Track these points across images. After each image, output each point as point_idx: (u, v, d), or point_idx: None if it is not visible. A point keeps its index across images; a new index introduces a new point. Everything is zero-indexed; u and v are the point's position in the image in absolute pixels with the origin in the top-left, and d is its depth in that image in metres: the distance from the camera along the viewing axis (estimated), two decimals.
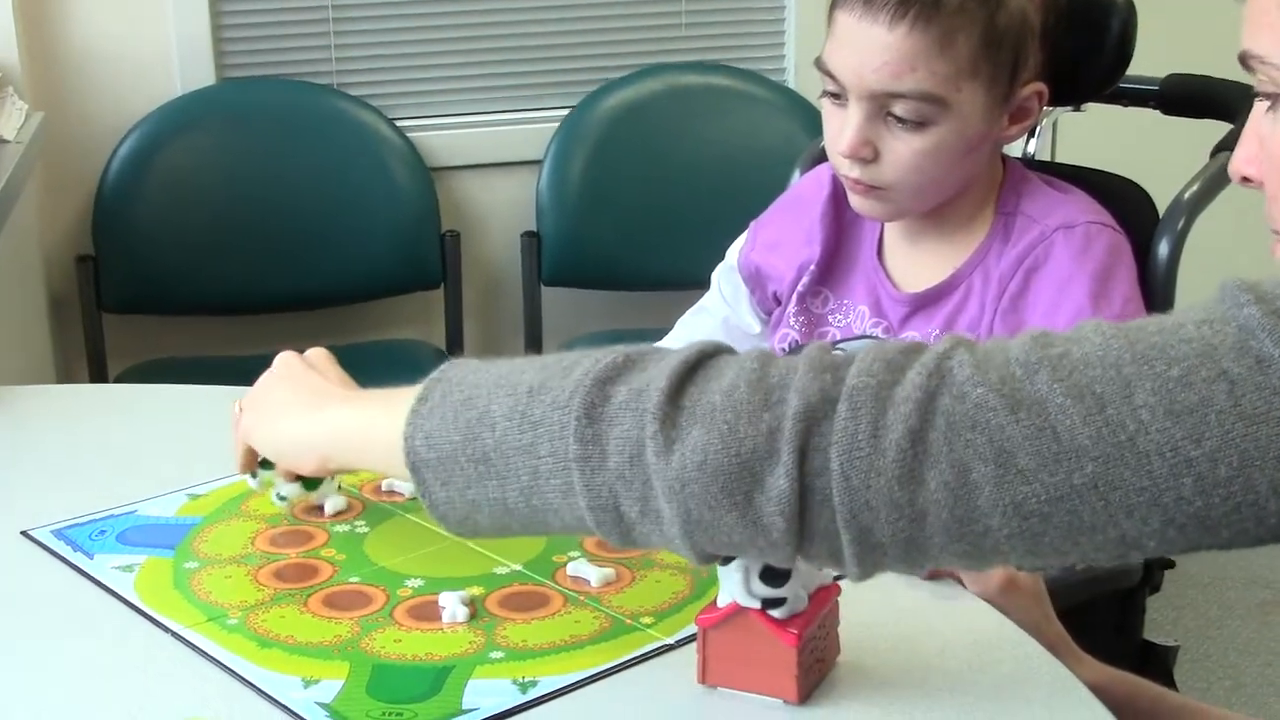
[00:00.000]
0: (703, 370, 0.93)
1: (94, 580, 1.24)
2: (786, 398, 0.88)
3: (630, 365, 0.94)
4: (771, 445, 0.88)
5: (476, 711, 1.04)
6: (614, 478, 0.92)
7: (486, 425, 0.96)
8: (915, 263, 1.63)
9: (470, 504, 0.98)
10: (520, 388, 0.97)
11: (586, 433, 0.92)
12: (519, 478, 0.95)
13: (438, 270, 2.95)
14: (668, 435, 0.90)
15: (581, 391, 0.93)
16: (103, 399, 1.84)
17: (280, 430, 1.20)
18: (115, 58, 2.82)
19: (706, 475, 0.89)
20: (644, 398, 0.91)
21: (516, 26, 3.03)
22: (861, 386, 0.87)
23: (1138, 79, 1.78)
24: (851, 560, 0.89)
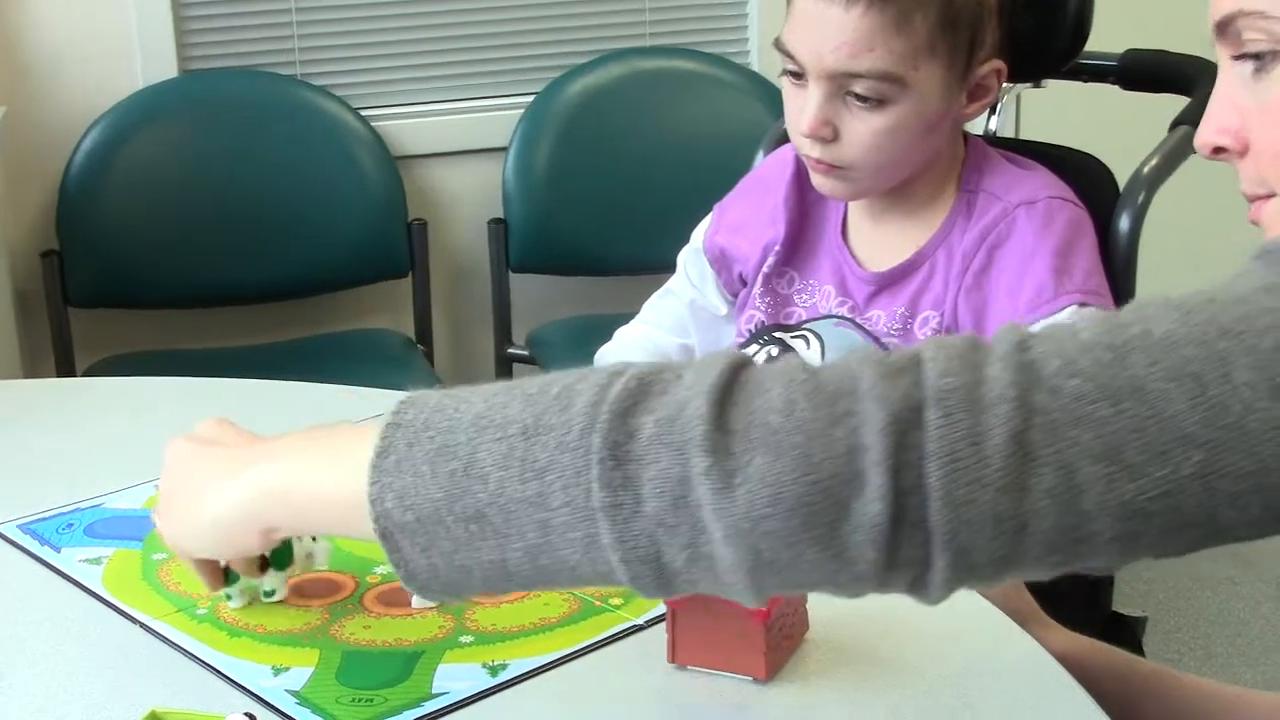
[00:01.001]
0: (741, 387, 0.80)
1: (61, 574, 1.24)
2: (858, 409, 0.77)
3: (647, 390, 0.82)
4: (853, 466, 0.76)
5: (446, 696, 1.05)
6: (653, 524, 0.79)
7: (476, 477, 0.83)
8: (879, 242, 1.64)
9: (459, 569, 0.86)
10: (510, 428, 0.83)
11: (614, 476, 0.79)
12: (524, 535, 0.83)
13: (405, 259, 2.94)
14: (724, 470, 0.77)
15: (599, 428, 0.80)
16: (68, 393, 1.83)
17: (204, 519, 1.01)
18: (76, 52, 2.81)
19: (782, 511, 0.77)
20: (680, 427, 0.79)
21: (480, 14, 3.03)
22: (949, 388, 0.77)
23: (1096, 55, 1.79)
24: (938, 586, 0.79)
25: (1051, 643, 1.15)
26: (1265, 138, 0.91)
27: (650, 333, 1.80)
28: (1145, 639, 1.77)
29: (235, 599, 1.16)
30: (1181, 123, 1.73)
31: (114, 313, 2.86)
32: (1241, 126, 0.91)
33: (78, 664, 1.12)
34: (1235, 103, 0.91)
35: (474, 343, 3.12)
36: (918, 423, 0.76)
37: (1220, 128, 0.92)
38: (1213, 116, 0.93)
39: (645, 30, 3.11)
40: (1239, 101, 0.91)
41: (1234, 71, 0.91)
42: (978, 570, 0.78)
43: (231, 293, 2.90)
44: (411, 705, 1.04)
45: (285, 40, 2.94)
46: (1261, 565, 3.01)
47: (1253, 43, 0.89)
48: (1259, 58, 0.89)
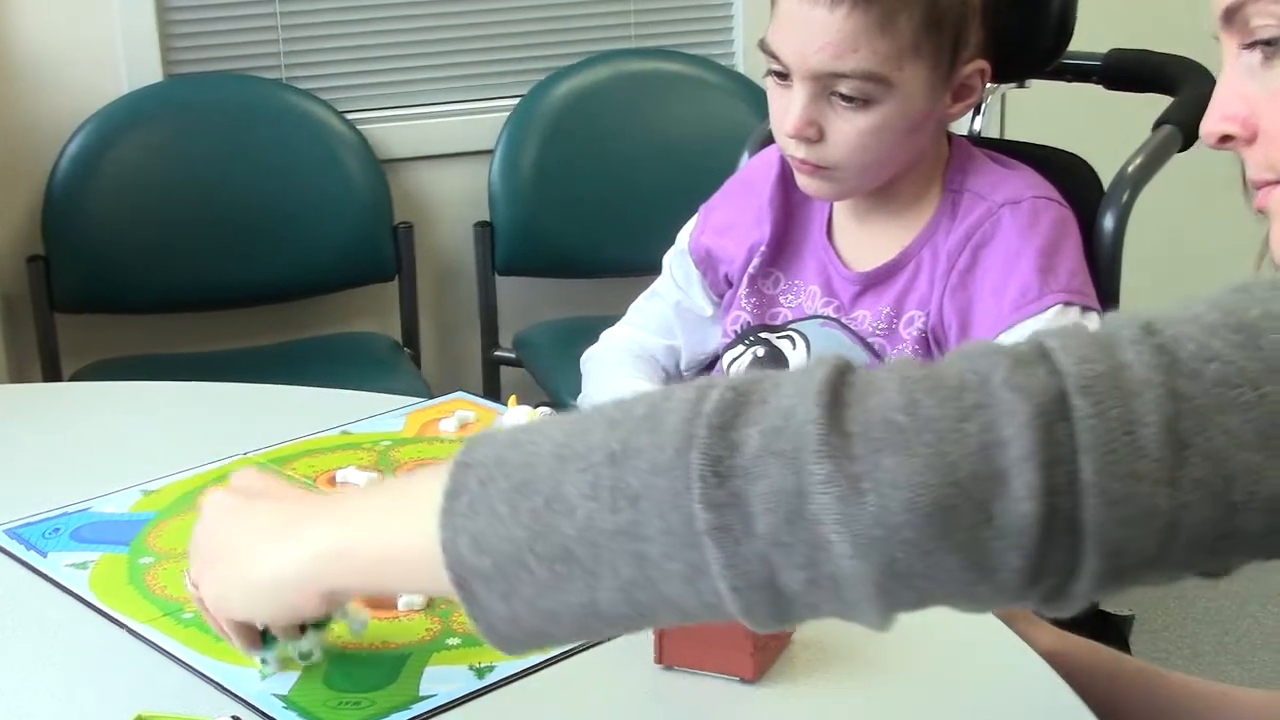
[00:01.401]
0: (850, 388, 0.74)
1: (48, 578, 1.24)
2: (992, 401, 0.71)
3: (746, 401, 0.75)
4: (992, 464, 0.70)
5: (434, 698, 1.05)
6: (767, 545, 0.72)
7: (560, 512, 0.76)
8: (864, 242, 1.64)
9: (545, 615, 0.79)
10: (594, 455, 0.76)
11: (718, 495, 0.72)
12: (618, 571, 0.75)
13: (391, 262, 2.94)
14: (848, 473, 0.71)
15: (698, 444, 0.73)
16: (54, 397, 1.83)
17: (257, 580, 0.95)
18: (61, 56, 2.80)
19: (920, 515, 0.70)
20: (790, 435, 0.72)
21: (465, 16, 3.03)
22: (1093, 375, 0.71)
23: (1080, 55, 1.80)
24: (1081, 595, 0.73)
25: (1039, 640, 1.15)
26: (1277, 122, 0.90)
27: (636, 334, 1.81)
28: (1132, 637, 1.77)
29: (270, 664, 1.07)
30: (1165, 122, 1.73)
31: (100, 317, 2.85)
32: (1250, 114, 0.91)
33: (64, 669, 1.11)
34: (1241, 92, 0.91)
35: (460, 345, 3.12)
36: (1064, 413, 0.70)
37: (1226, 116, 0.92)
38: (1218, 106, 0.92)
39: (630, 32, 3.11)
40: (1245, 91, 0.91)
41: (1241, 61, 0.91)
42: (1124, 575, 0.72)
43: (218, 297, 2.89)
44: (399, 708, 1.04)
45: (270, 44, 2.94)
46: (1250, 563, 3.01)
47: (1262, 29, 0.89)
48: (1270, 44, 0.89)
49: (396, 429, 1.54)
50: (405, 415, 1.57)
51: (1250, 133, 0.91)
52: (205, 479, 1.41)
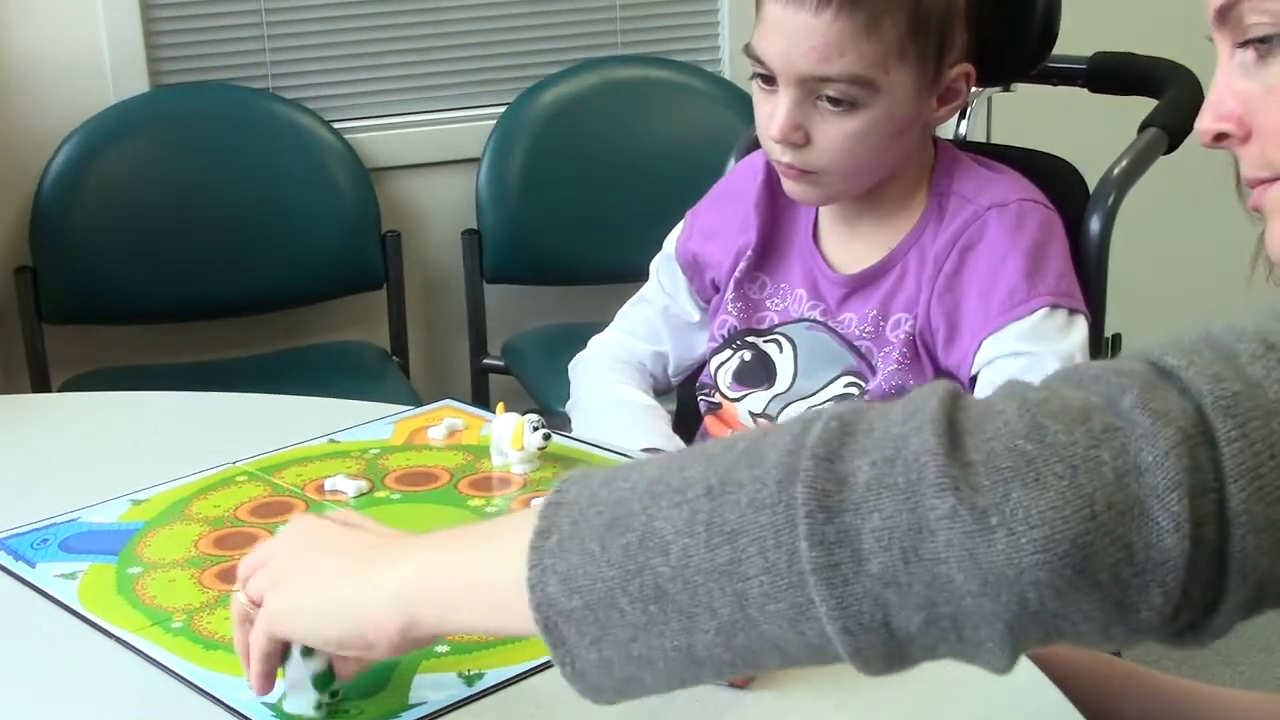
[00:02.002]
0: (965, 413, 0.70)
1: (36, 589, 1.23)
2: (1125, 425, 0.67)
3: (852, 431, 0.71)
4: (1129, 494, 0.66)
5: (423, 706, 1.05)
6: (879, 585, 0.68)
7: (655, 549, 0.72)
8: (851, 245, 1.64)
9: (638, 661, 0.75)
10: (691, 490, 0.72)
11: (826, 531, 0.68)
12: (716, 612, 0.71)
13: (379, 271, 2.94)
14: (975, 507, 0.66)
15: (802, 477, 0.69)
16: (42, 408, 1.83)
17: (332, 603, 0.90)
18: (47, 67, 2.80)
19: (1057, 554, 0.65)
20: (905, 466, 0.68)
21: (451, 25, 3.03)
22: (1230, 394, 0.67)
23: (1065, 58, 1.80)
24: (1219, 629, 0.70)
25: None
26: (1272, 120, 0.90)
27: (624, 340, 1.81)
28: None
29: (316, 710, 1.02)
30: (1150, 124, 1.73)
31: (88, 328, 2.85)
32: (1245, 112, 0.91)
33: (54, 679, 1.11)
34: (1235, 90, 0.91)
35: (449, 353, 3.12)
36: (1207, 437, 0.67)
37: (1221, 114, 0.92)
38: (1212, 104, 0.92)
39: (617, 39, 3.11)
40: (1239, 89, 0.91)
41: (1235, 60, 0.91)
42: (1265, 603, 0.69)
43: (206, 307, 2.89)
44: (388, 715, 1.03)
45: (257, 54, 2.94)
46: None
47: (1256, 27, 0.89)
48: (1264, 41, 0.89)
49: (385, 437, 1.54)
50: (394, 423, 1.57)
51: (1245, 131, 0.91)
52: (193, 489, 1.41)
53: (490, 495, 1.40)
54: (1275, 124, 0.90)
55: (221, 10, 2.90)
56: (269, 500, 1.39)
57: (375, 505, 1.37)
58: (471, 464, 1.47)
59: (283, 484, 1.42)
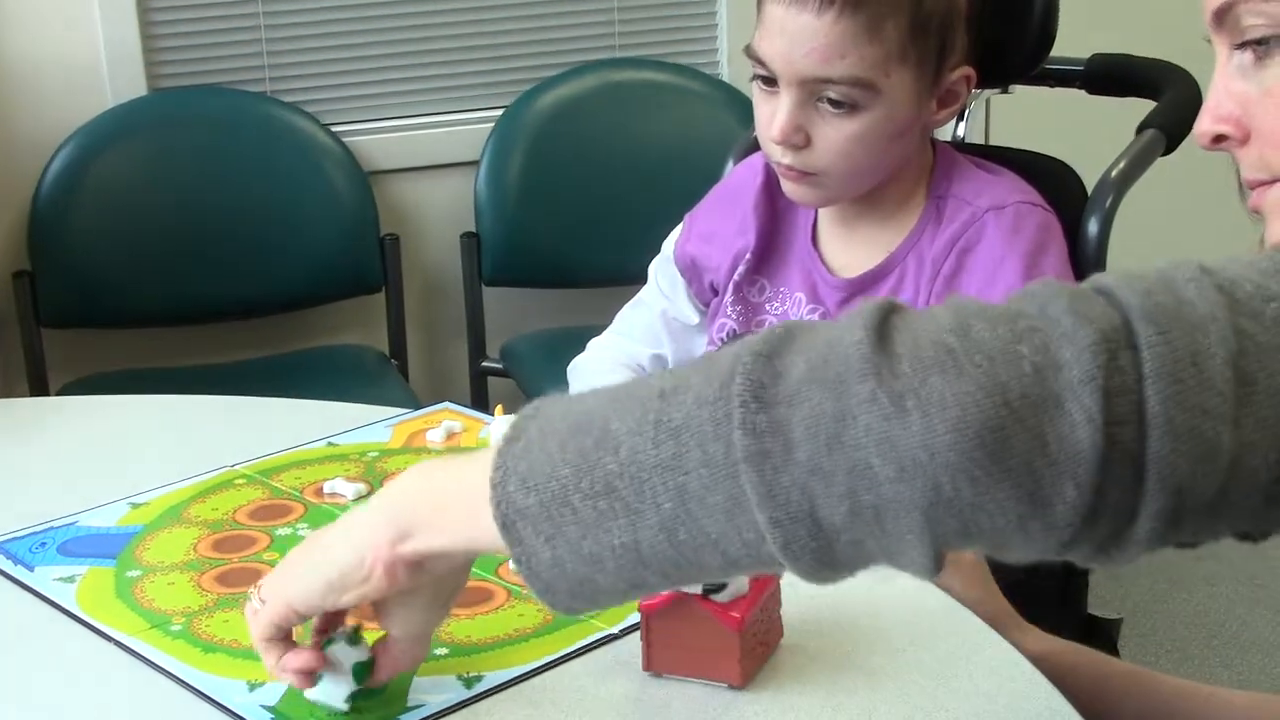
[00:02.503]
0: (901, 316, 0.72)
1: (35, 593, 1.23)
2: (1050, 326, 0.69)
3: (793, 333, 0.74)
4: (1046, 388, 0.67)
5: (423, 708, 1.05)
6: (806, 473, 0.70)
7: (607, 447, 0.75)
8: (850, 248, 1.64)
9: (588, 560, 0.77)
10: (649, 394, 0.75)
11: (757, 421, 0.70)
12: (659, 506, 0.74)
13: (378, 274, 2.94)
14: (893, 390, 0.68)
15: (742, 372, 0.72)
16: (41, 412, 1.83)
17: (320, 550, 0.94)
18: (44, 71, 2.80)
19: (967, 437, 0.67)
20: (836, 360, 0.70)
21: (450, 28, 3.03)
22: (1156, 305, 0.68)
23: (1063, 60, 1.80)
24: (1140, 541, 0.70)
25: (1027, 645, 1.15)
26: (1269, 122, 0.91)
27: (622, 343, 1.81)
28: (1121, 641, 1.77)
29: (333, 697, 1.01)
30: (1148, 126, 1.74)
31: (87, 332, 2.85)
32: (1243, 114, 0.91)
33: (52, 683, 1.11)
34: (1233, 92, 0.92)
35: (448, 357, 3.12)
36: (1129, 340, 0.68)
37: (1219, 117, 0.92)
38: (1211, 107, 0.92)
39: (615, 42, 3.11)
40: (1237, 90, 0.91)
41: (1233, 62, 0.91)
42: (1185, 520, 0.69)
43: (204, 311, 2.89)
44: (388, 718, 1.03)
45: (255, 57, 2.94)
46: (1237, 565, 3.02)
47: (1253, 29, 0.89)
48: (1261, 44, 0.89)
49: (383, 440, 1.54)
50: (392, 426, 1.57)
51: (1243, 133, 0.91)
52: (192, 492, 1.41)
53: None
54: (1272, 126, 0.90)
55: (219, 13, 2.90)
56: (268, 503, 1.39)
57: None
58: None
59: (281, 487, 1.42)
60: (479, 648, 1.12)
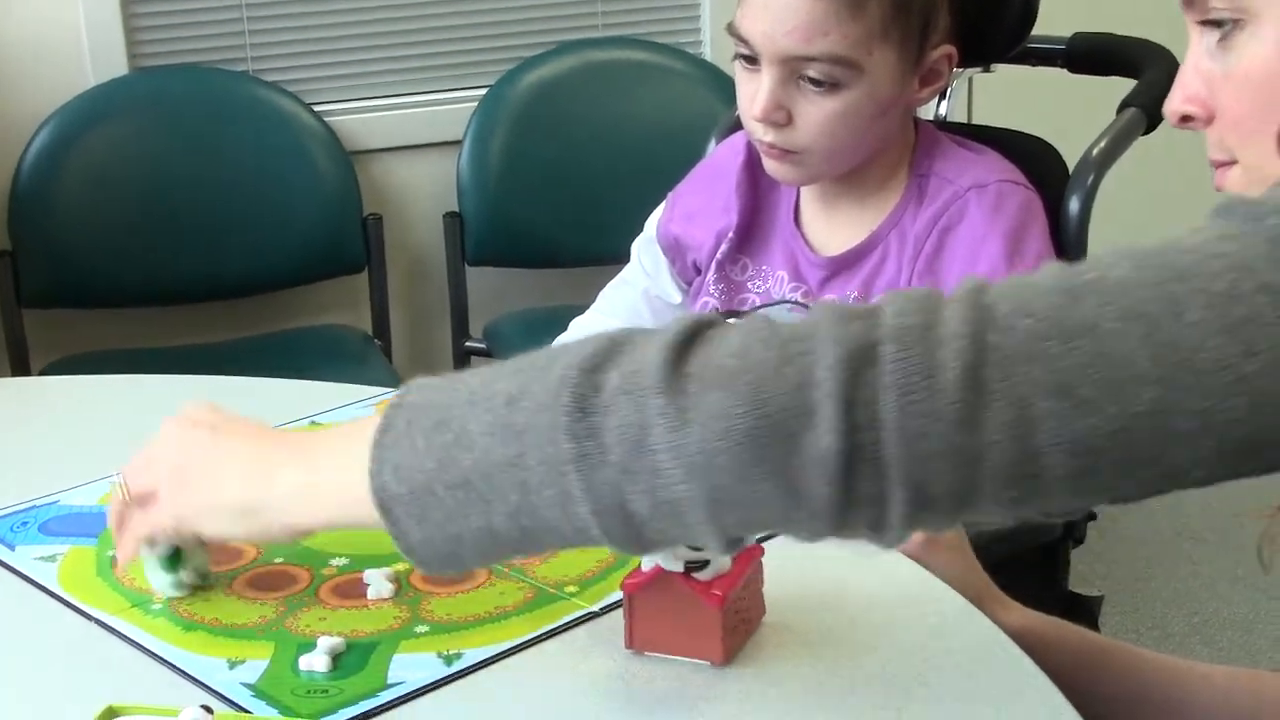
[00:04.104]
0: (702, 339, 0.83)
1: (15, 571, 1.23)
2: (813, 348, 0.79)
3: (617, 348, 0.85)
4: (804, 400, 0.78)
5: (401, 685, 1.05)
6: (617, 472, 0.82)
7: (464, 446, 0.87)
8: (832, 226, 1.64)
9: (452, 539, 0.89)
10: (497, 399, 0.87)
11: (579, 428, 0.83)
12: (506, 498, 0.86)
13: (361, 254, 2.94)
14: (679, 407, 0.80)
15: (568, 385, 0.83)
16: (21, 391, 1.82)
17: (230, 508, 1.04)
18: (25, 50, 2.79)
19: (733, 443, 0.79)
20: (641, 376, 0.82)
21: (432, 7, 3.02)
22: (906, 326, 0.79)
23: (1044, 39, 1.80)
24: (898, 524, 0.80)
25: (1008, 620, 1.15)
26: (1228, 105, 0.93)
27: (605, 322, 1.81)
28: (1103, 619, 1.78)
29: (174, 589, 1.16)
30: (1129, 105, 1.74)
31: (68, 312, 2.84)
32: (1209, 95, 0.93)
33: (33, 660, 1.11)
34: (1201, 72, 0.93)
35: (431, 336, 3.12)
36: (872, 359, 0.78)
37: (1188, 96, 0.94)
38: (1181, 85, 0.95)
39: (598, 21, 3.11)
40: (1205, 70, 0.93)
41: (1203, 40, 0.93)
42: (936, 505, 0.79)
43: (187, 291, 2.89)
44: (367, 695, 1.03)
45: (236, 36, 2.93)
46: (1218, 544, 3.03)
47: (1216, 11, 0.91)
48: (1221, 25, 0.91)
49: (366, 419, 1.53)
50: (375, 406, 1.57)
51: (1208, 113, 0.94)
52: None
53: None
54: (1232, 110, 0.93)
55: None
56: None
57: None
58: None
59: None
60: (459, 625, 1.12)
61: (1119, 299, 0.78)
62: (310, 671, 1.06)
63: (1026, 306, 0.78)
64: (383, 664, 1.07)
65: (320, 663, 1.06)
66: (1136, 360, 0.76)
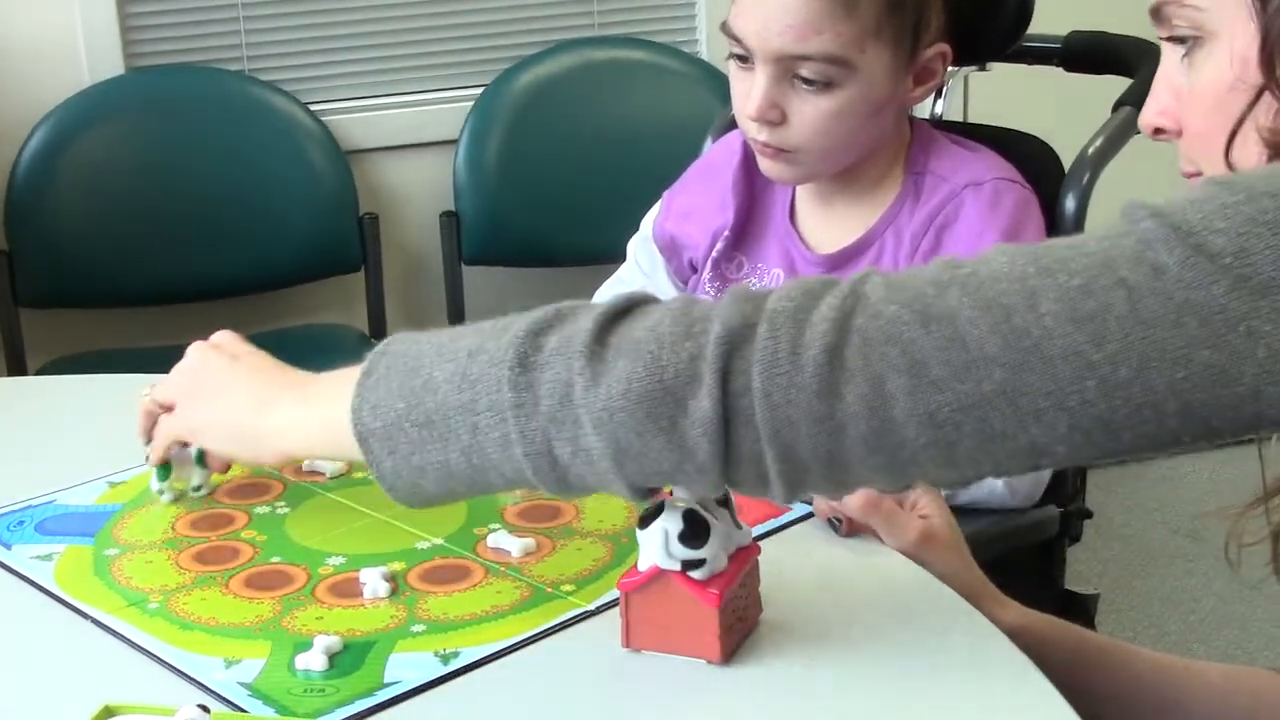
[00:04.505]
0: (629, 313, 0.95)
1: (12, 570, 1.23)
2: (709, 327, 0.90)
3: (562, 317, 0.96)
4: (694, 370, 0.90)
5: (398, 685, 1.05)
6: (546, 421, 0.94)
7: (429, 390, 0.99)
8: (828, 224, 1.64)
9: (416, 470, 1.01)
10: (461, 352, 0.99)
11: (520, 380, 0.94)
12: (459, 437, 0.97)
13: (357, 253, 2.94)
14: (594, 370, 0.92)
15: (515, 344, 0.95)
16: (18, 391, 1.82)
17: (237, 428, 1.20)
18: (21, 49, 2.79)
19: (632, 402, 0.91)
20: (573, 341, 0.93)
21: (428, 6, 3.02)
22: (780, 310, 0.89)
23: (1040, 37, 1.80)
24: (777, 480, 0.91)
25: (1005, 619, 1.16)
26: (1191, 119, 0.97)
27: None
28: (1098, 617, 1.78)
29: (166, 494, 1.34)
30: (1124, 103, 1.74)
31: (65, 312, 2.84)
32: (1178, 107, 0.95)
33: (30, 660, 1.11)
34: (1172, 85, 0.96)
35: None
36: (750, 337, 0.89)
37: (1159, 109, 0.98)
38: (1154, 97, 0.99)
39: (594, 20, 3.11)
40: (1176, 85, 0.97)
41: (1173, 54, 0.95)
42: (808, 468, 0.90)
43: (183, 290, 2.88)
44: (363, 695, 1.04)
45: (232, 36, 2.93)
46: (1214, 542, 3.03)
47: (1178, 28, 0.95)
48: (1184, 41, 0.95)
49: None
50: None
51: (1178, 126, 0.98)
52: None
53: None
54: (1195, 125, 0.97)
55: None
56: (246, 481, 1.38)
57: (352, 486, 1.37)
58: None
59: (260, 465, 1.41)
60: (455, 624, 1.12)
61: (981, 290, 0.86)
62: (307, 671, 1.06)
63: (897, 295, 0.88)
64: (379, 663, 1.07)
65: (317, 662, 1.07)
66: (986, 345, 0.85)
